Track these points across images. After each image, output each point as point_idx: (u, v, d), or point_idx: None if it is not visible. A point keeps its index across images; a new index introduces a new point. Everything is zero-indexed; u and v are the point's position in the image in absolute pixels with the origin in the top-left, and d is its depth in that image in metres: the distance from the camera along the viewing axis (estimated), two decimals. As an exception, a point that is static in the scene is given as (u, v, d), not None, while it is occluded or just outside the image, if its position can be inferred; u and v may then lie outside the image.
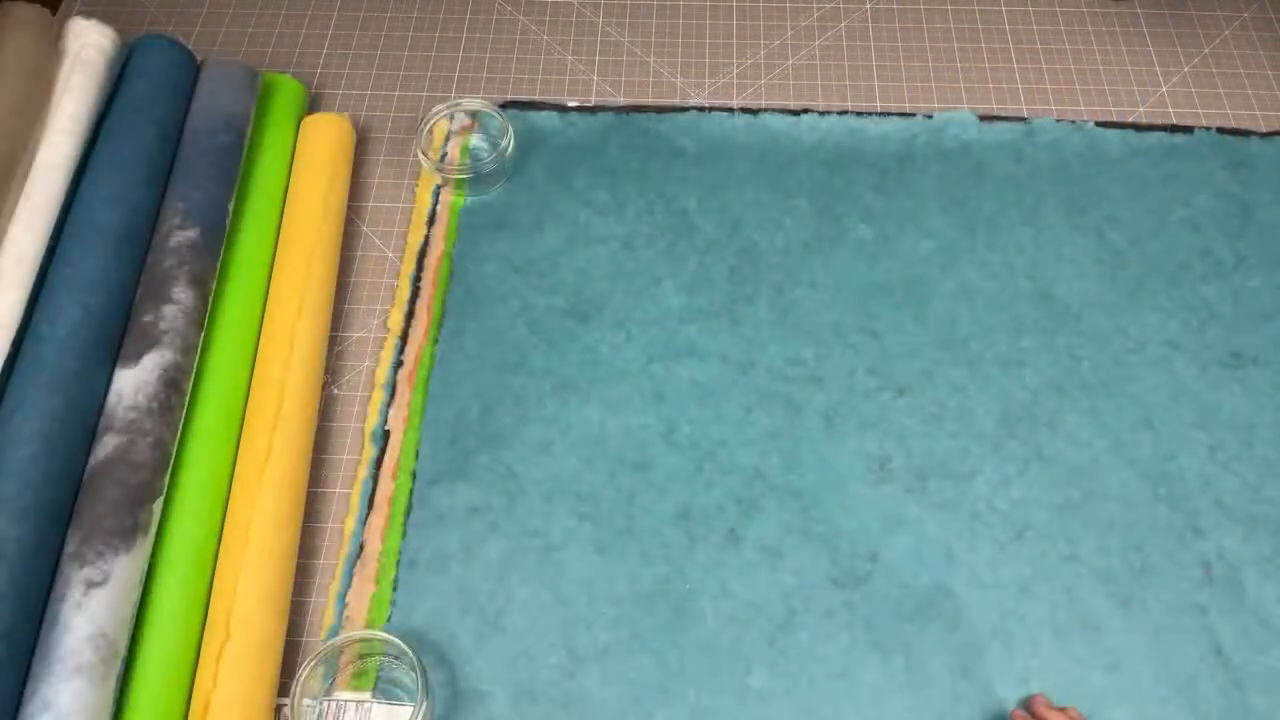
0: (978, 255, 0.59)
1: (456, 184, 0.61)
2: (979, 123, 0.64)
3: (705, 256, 0.59)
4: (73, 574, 0.43)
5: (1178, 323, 0.57)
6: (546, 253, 0.60)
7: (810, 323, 0.57)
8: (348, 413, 0.55)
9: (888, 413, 0.54)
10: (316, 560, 0.51)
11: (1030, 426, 0.54)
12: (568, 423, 0.54)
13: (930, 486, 0.52)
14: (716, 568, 0.50)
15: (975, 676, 0.47)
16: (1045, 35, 0.69)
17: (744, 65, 0.68)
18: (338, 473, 0.53)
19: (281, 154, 0.60)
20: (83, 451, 0.46)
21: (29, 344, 0.47)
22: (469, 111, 0.63)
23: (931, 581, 0.49)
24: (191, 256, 0.52)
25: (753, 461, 0.53)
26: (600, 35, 0.70)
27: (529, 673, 0.47)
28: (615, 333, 0.57)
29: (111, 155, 0.53)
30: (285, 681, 0.46)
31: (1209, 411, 0.54)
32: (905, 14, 0.71)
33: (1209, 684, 0.47)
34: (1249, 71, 0.67)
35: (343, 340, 0.57)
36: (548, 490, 0.52)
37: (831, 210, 0.61)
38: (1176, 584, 0.49)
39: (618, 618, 0.48)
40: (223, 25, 0.70)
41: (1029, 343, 0.56)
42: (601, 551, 0.50)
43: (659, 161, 0.63)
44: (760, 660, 0.47)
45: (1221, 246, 0.59)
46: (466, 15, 0.71)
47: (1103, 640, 0.48)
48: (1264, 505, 0.51)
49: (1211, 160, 0.62)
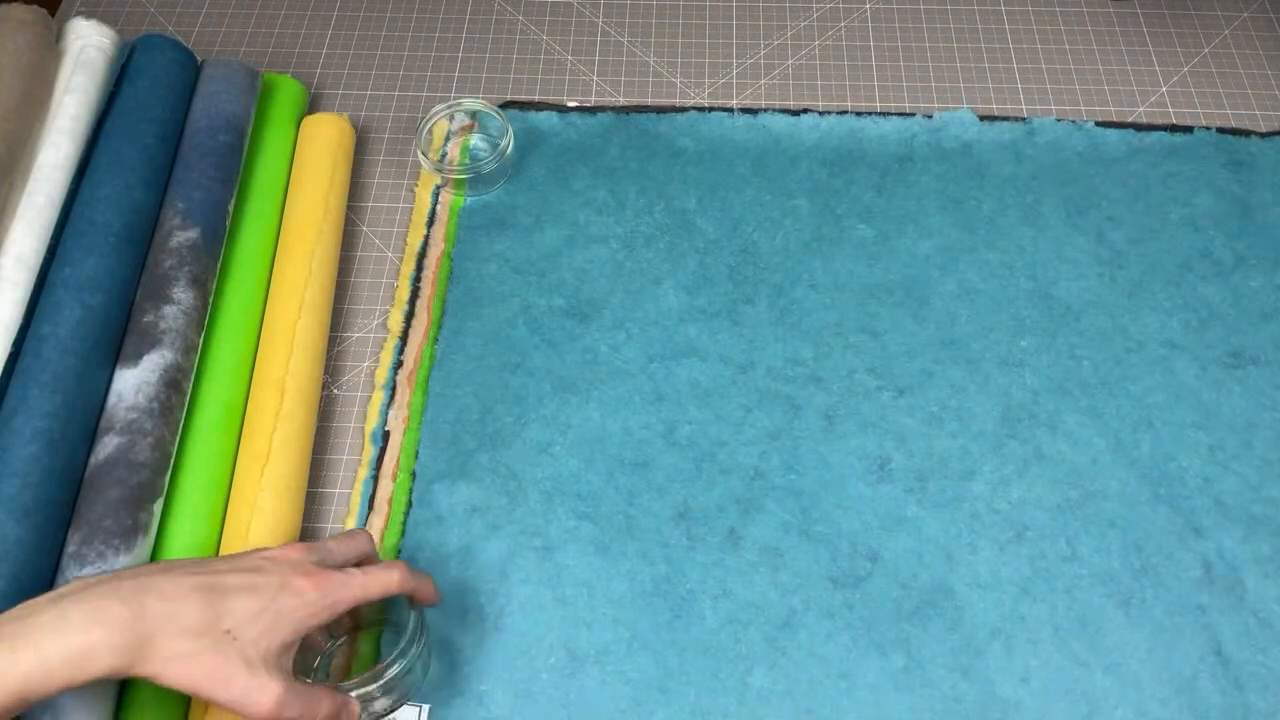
0: (978, 255, 0.59)
1: (456, 184, 0.61)
2: (979, 123, 0.64)
3: (705, 256, 0.59)
4: (73, 574, 0.43)
5: (1178, 323, 0.57)
6: (546, 253, 0.60)
7: (810, 323, 0.57)
8: (348, 413, 0.55)
9: (888, 413, 0.54)
10: (316, 560, 0.51)
11: (1030, 426, 0.54)
12: (568, 423, 0.54)
13: (930, 486, 0.52)
14: (716, 568, 0.50)
15: (975, 676, 0.47)
16: (1045, 35, 0.69)
17: (744, 65, 0.68)
18: (338, 473, 0.53)
19: (281, 154, 0.60)
20: (83, 451, 0.46)
21: (30, 344, 0.47)
22: (469, 111, 0.63)
23: (931, 581, 0.49)
24: (191, 257, 0.52)
25: (753, 461, 0.53)
26: (600, 35, 0.70)
27: (528, 673, 0.47)
28: (615, 333, 0.57)
29: (112, 155, 0.53)
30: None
31: (1209, 411, 0.54)
32: (905, 14, 0.71)
33: (1209, 684, 0.47)
34: (1249, 71, 0.67)
35: (343, 340, 0.57)
36: (548, 490, 0.52)
37: (831, 210, 0.61)
38: (1176, 584, 0.49)
39: (617, 618, 0.48)
40: (223, 25, 0.70)
41: (1029, 343, 0.56)
42: (601, 551, 0.50)
43: (659, 161, 0.63)
44: (760, 660, 0.47)
45: (1221, 246, 0.59)
46: (466, 15, 0.71)
47: (1103, 640, 0.48)
48: (1264, 505, 0.51)
49: (1211, 160, 0.62)
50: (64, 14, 0.71)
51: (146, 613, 0.33)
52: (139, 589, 0.34)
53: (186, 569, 0.36)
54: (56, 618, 0.32)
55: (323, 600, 0.37)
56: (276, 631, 0.35)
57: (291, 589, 0.36)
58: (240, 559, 0.38)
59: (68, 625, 0.32)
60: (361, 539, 0.43)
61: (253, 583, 0.36)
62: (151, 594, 0.34)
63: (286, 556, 0.38)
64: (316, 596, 0.37)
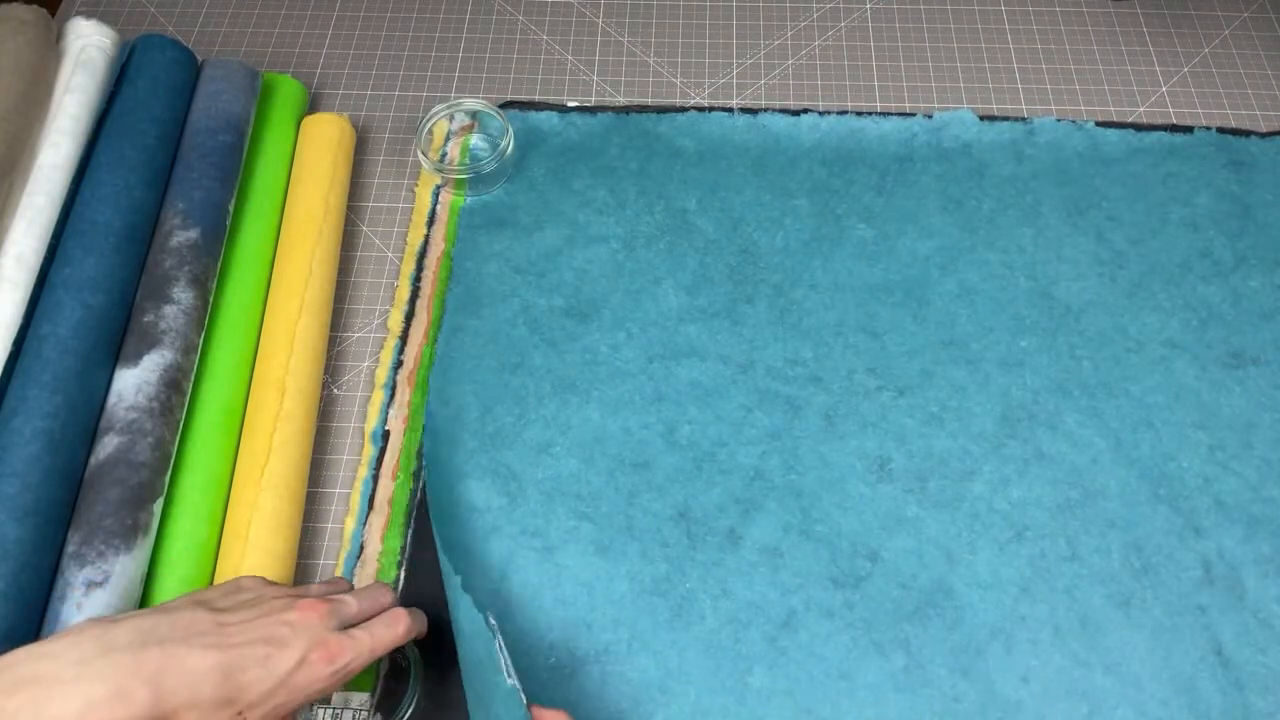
0: (978, 255, 0.59)
1: (456, 184, 0.61)
2: (979, 123, 0.64)
3: (705, 256, 0.59)
4: (73, 574, 0.43)
5: (1178, 322, 0.57)
6: (546, 253, 0.60)
7: (810, 323, 0.57)
8: (348, 413, 0.55)
9: (888, 413, 0.54)
10: (316, 560, 0.51)
11: (1030, 426, 0.54)
12: (568, 423, 0.54)
13: (930, 486, 0.52)
14: (716, 568, 0.50)
15: (975, 676, 0.47)
16: (1045, 35, 0.69)
17: (744, 65, 0.68)
18: (338, 473, 0.53)
19: (281, 154, 0.60)
20: (84, 451, 0.46)
21: (30, 344, 0.47)
22: (469, 111, 0.63)
23: (931, 581, 0.49)
24: (192, 257, 0.52)
25: (753, 461, 0.53)
26: (600, 35, 0.70)
27: (529, 673, 0.47)
28: (615, 333, 0.57)
29: (112, 155, 0.53)
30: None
31: (1209, 411, 0.54)
32: (905, 14, 0.71)
33: (1209, 684, 0.47)
34: (1249, 71, 0.67)
35: (343, 340, 0.57)
36: (548, 490, 0.52)
37: (831, 210, 0.61)
38: (1176, 584, 0.49)
39: (617, 618, 0.48)
40: (223, 25, 0.70)
41: (1029, 343, 0.56)
42: (601, 551, 0.50)
43: (659, 161, 0.63)
44: (760, 660, 0.47)
45: (1221, 246, 0.59)
46: (466, 15, 0.71)
47: (1103, 640, 0.48)
48: (1264, 505, 0.51)
49: (1211, 160, 0.62)
50: (64, 14, 0.71)
51: (166, 695, 0.34)
52: (161, 668, 0.34)
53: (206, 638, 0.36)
54: (79, 693, 0.32)
55: (335, 672, 0.38)
56: (286, 704, 0.37)
57: (307, 664, 0.37)
58: (265, 620, 0.37)
59: (93, 700, 0.32)
60: (383, 596, 0.43)
61: (269, 657, 0.36)
62: (173, 673, 0.34)
63: (307, 623, 0.38)
64: (329, 671, 0.37)
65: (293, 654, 0.37)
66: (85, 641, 0.34)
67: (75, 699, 0.32)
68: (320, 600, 0.39)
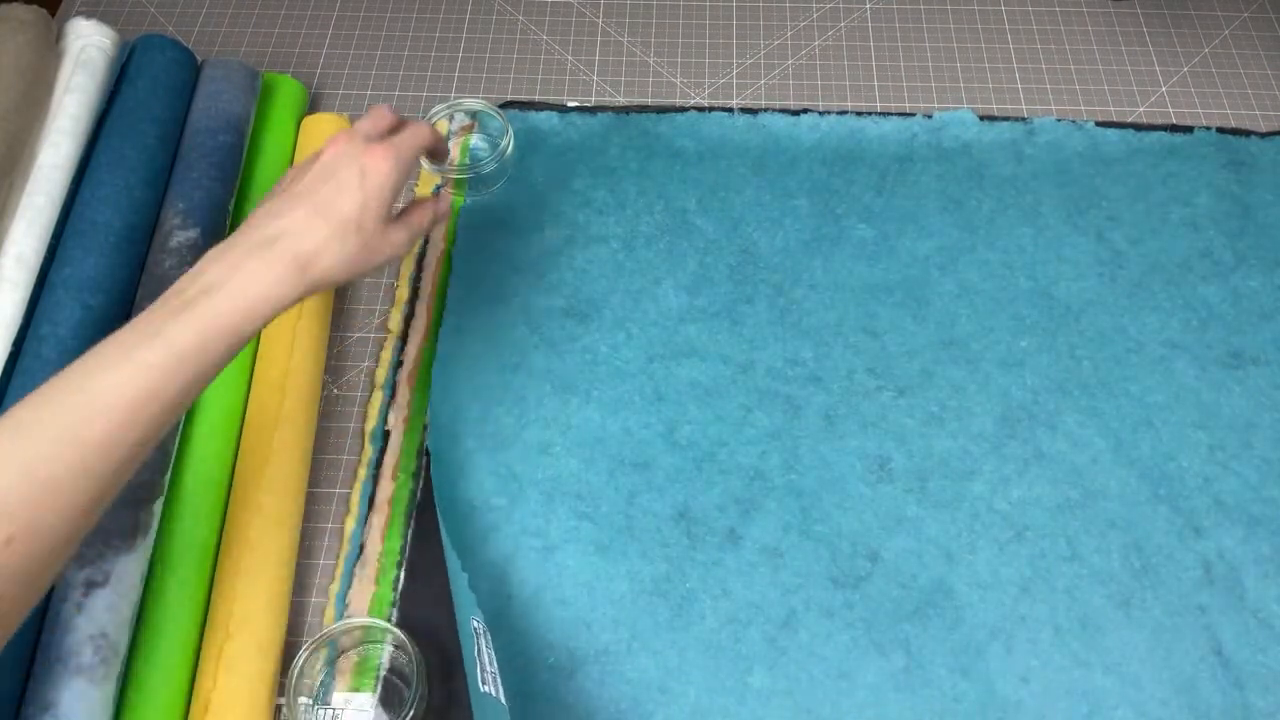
0: (978, 255, 0.59)
1: (456, 184, 0.61)
2: (979, 123, 0.64)
3: (705, 256, 0.59)
4: (73, 574, 0.43)
5: (1178, 322, 0.57)
6: (546, 253, 0.60)
7: (810, 323, 0.57)
8: (348, 413, 0.55)
9: (888, 413, 0.54)
10: (316, 560, 0.51)
11: (1030, 426, 0.54)
12: (568, 423, 0.54)
13: (930, 486, 0.52)
14: (716, 567, 0.50)
15: (975, 676, 0.47)
16: (1045, 35, 0.69)
17: (744, 65, 0.68)
18: (338, 473, 0.53)
19: (281, 154, 0.60)
20: (83, 451, 0.46)
21: (30, 344, 0.47)
22: (469, 111, 0.63)
23: (931, 581, 0.49)
24: (192, 256, 0.52)
25: (753, 461, 0.53)
26: (600, 35, 0.70)
27: (528, 673, 0.47)
28: (615, 333, 0.57)
29: (112, 155, 0.53)
30: (285, 681, 0.46)
31: (1209, 411, 0.54)
32: (905, 14, 0.71)
33: (1209, 684, 0.47)
34: (1249, 71, 0.67)
35: (343, 340, 0.57)
36: (548, 490, 0.52)
37: (831, 210, 0.61)
38: (1176, 584, 0.49)
39: (617, 618, 0.48)
40: (223, 25, 0.70)
41: (1029, 343, 0.56)
42: (601, 551, 0.50)
43: (659, 161, 0.63)
44: (760, 660, 0.47)
45: (1221, 246, 0.59)
46: (466, 15, 0.71)
47: (1103, 640, 0.48)
48: (1264, 505, 0.51)
49: (1211, 160, 0.62)
50: (64, 14, 0.71)
51: (301, 255, 0.39)
52: (288, 243, 0.39)
53: (291, 200, 0.40)
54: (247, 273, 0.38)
55: (396, 164, 0.42)
56: (381, 205, 0.42)
57: (370, 170, 0.42)
58: (318, 168, 0.42)
59: (256, 280, 0.38)
60: (389, 114, 0.46)
61: (340, 182, 0.41)
62: (290, 238, 0.39)
63: (340, 149, 0.42)
64: (389, 166, 0.42)
65: (353, 171, 0.41)
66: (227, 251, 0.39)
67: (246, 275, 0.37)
68: (338, 134, 0.43)
